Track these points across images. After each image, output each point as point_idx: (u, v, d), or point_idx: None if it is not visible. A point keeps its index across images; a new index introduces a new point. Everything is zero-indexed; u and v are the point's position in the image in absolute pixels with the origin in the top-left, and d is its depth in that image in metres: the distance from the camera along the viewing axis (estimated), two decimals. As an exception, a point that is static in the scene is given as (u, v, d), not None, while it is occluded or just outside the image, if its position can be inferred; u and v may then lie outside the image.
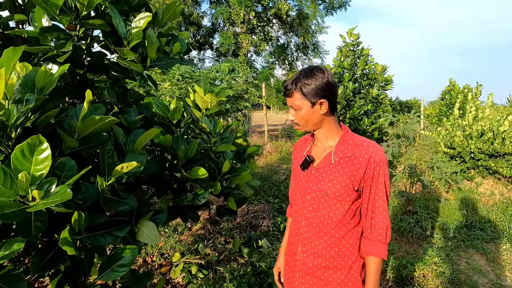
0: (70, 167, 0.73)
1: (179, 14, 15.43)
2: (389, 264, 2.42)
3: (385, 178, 1.01)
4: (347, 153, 1.02)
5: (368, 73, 5.72)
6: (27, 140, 0.61)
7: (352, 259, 1.05)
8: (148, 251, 2.73)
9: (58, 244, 0.65)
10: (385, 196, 1.01)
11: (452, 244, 2.96)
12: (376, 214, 1.01)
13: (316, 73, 1.00)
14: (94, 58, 1.16)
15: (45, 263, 0.69)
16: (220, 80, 11.02)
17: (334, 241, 1.04)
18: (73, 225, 0.74)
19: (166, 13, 1.28)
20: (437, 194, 4.38)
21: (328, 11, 16.81)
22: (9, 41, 1.09)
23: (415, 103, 20.08)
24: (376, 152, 1.00)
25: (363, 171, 0.99)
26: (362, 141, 1.03)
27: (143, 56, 1.20)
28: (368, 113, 5.68)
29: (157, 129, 1.03)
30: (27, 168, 0.61)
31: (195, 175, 1.08)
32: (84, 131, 0.78)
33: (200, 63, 19.71)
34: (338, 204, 1.02)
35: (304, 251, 1.09)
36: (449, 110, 10.41)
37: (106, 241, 0.78)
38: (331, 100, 1.02)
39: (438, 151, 6.36)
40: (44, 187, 0.64)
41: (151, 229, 0.96)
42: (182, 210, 1.19)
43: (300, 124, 1.06)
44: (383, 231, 1.00)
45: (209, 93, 1.32)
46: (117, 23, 1.06)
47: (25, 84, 0.75)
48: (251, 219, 3.44)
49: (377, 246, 1.00)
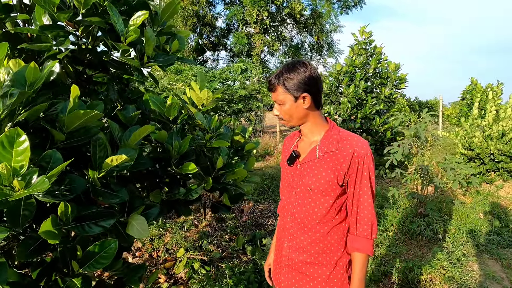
0: (56, 159, 0.76)
1: (193, 15, 15.66)
2: (394, 266, 2.35)
3: (370, 173, 1.00)
4: (332, 148, 1.01)
5: (381, 72, 5.59)
6: (5, 133, 0.63)
7: (337, 255, 1.04)
8: (154, 246, 2.79)
9: (38, 233, 0.68)
10: (370, 191, 1.00)
11: (464, 248, 2.84)
12: (361, 210, 1.00)
13: (299, 67, 0.99)
14: (93, 55, 1.20)
15: (30, 251, 0.72)
16: (232, 80, 11.10)
17: (319, 236, 1.03)
18: (60, 215, 0.77)
19: (165, 12, 1.31)
20: (452, 197, 4.21)
21: (343, 9, 16.55)
22: (17, 40, 1.13)
23: (435, 104, 19.40)
24: (360, 146, 0.99)
25: (347, 166, 0.98)
26: (346, 135, 1.03)
27: (141, 53, 1.23)
28: (380, 113, 5.54)
29: (151, 126, 1.05)
30: (7, 159, 0.63)
31: (186, 170, 1.10)
32: (71, 125, 0.81)
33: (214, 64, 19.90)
34: (322, 199, 1.02)
35: (289, 247, 1.09)
36: (470, 110, 10.00)
37: (92, 231, 0.81)
38: (314, 94, 1.01)
39: (455, 152, 6.12)
40: (26, 178, 0.66)
41: (141, 223, 0.98)
42: (175, 205, 1.20)
43: (285, 118, 1.06)
44: (368, 227, 0.99)
45: (204, 90, 1.33)
46: (115, 21, 1.08)
47: (15, 79, 0.79)
48: (257, 217, 3.44)
49: (363, 242, 0.99)
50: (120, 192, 0.97)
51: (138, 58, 1.22)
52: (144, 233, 0.96)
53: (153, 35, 1.13)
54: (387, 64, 5.50)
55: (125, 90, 1.35)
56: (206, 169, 1.31)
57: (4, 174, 0.61)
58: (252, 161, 1.57)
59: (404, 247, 2.85)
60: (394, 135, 5.48)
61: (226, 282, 2.02)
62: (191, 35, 17.08)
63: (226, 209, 1.39)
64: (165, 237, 2.95)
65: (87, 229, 0.80)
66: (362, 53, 5.58)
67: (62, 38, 1.06)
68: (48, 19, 1.09)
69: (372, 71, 5.52)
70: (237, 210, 3.63)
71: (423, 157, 3.76)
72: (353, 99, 5.23)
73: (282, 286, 1.12)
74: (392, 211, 3.58)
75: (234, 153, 1.57)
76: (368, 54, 5.63)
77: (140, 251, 2.77)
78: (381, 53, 5.53)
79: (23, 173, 0.65)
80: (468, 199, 4.38)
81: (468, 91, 10.79)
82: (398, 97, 5.88)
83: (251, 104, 10.43)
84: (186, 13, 15.32)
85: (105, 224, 0.81)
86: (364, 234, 0.99)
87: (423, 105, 19.43)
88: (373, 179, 1.01)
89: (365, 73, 5.55)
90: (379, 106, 5.33)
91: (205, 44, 17.70)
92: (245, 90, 9.90)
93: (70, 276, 0.78)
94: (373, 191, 1.01)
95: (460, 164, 3.36)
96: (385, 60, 5.58)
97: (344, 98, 5.30)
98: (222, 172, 1.29)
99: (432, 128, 3.68)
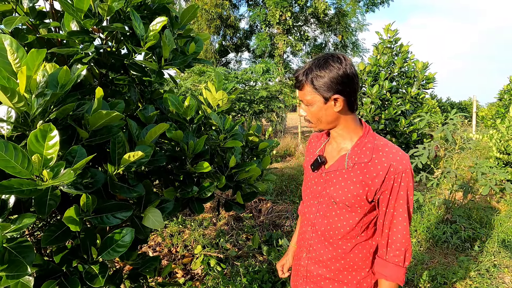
0: (81, 154, 0.83)
1: (217, 17, 15.97)
2: (415, 274, 2.25)
3: (409, 192, 0.86)
4: (364, 158, 0.88)
5: (407, 71, 5.37)
6: (39, 127, 0.70)
7: (361, 275, 0.94)
8: (173, 242, 2.89)
9: (62, 219, 0.74)
10: (407, 212, 0.86)
11: (495, 259, 2.66)
12: (394, 233, 0.87)
13: (332, 63, 0.84)
14: (115, 58, 1.28)
15: (54, 238, 0.79)
16: (254, 81, 11.16)
17: (341, 253, 0.93)
18: (82, 206, 0.83)
19: (185, 16, 1.37)
20: (483, 204, 3.95)
21: (369, 7, 16.08)
22: (50, 45, 1.24)
23: (469, 104, 18.25)
24: (398, 161, 0.85)
25: (381, 181, 0.85)
26: (383, 145, 0.88)
27: (159, 56, 1.29)
28: (406, 114, 5.33)
29: (166, 124, 1.11)
30: (39, 151, 0.70)
31: (200, 169, 1.14)
32: (94, 123, 0.87)
33: (237, 65, 20.12)
34: (347, 214, 0.91)
35: (308, 258, 1.01)
36: (507, 111, 9.31)
37: (110, 222, 0.87)
38: (348, 96, 0.87)
39: (489, 156, 5.73)
40: (55, 169, 0.73)
41: (156, 216, 1.03)
42: (189, 202, 1.25)
43: (312, 121, 0.93)
44: (400, 253, 0.87)
45: (220, 91, 1.37)
46: (137, 26, 1.15)
47: (49, 81, 0.87)
48: (274, 218, 3.44)
49: (392, 269, 0.87)
50: (137, 187, 1.03)
51: (156, 60, 1.29)
52: (159, 225, 1.01)
53: (171, 39, 1.18)
54: (414, 63, 5.27)
55: (144, 91, 1.42)
56: (220, 168, 1.34)
57: (35, 164, 0.67)
58: (267, 160, 1.58)
59: (428, 255, 2.72)
60: (420, 137, 5.24)
61: (240, 280, 2.05)
62: (215, 37, 17.42)
63: (239, 207, 1.42)
64: (184, 233, 3.04)
65: (105, 220, 0.86)
66: (387, 52, 5.40)
67: (88, 43, 1.15)
68: (76, 25, 1.18)
69: (398, 71, 5.32)
70: (254, 210, 3.66)
71: (451, 160, 3.57)
72: (376, 99, 5.07)
73: None
74: (416, 216, 3.43)
75: (249, 152, 1.60)
76: (394, 53, 5.43)
77: (160, 246, 2.88)
78: (407, 51, 5.32)
79: (52, 165, 0.71)
80: (502, 206, 4.09)
81: (507, 91, 10.05)
82: (426, 98, 5.61)
83: (273, 105, 10.43)
84: (210, 15, 15.65)
85: (122, 216, 0.87)
86: (395, 261, 0.87)
87: (456, 106, 18.37)
88: (412, 199, 0.88)
89: (390, 73, 5.36)
90: (405, 106, 5.12)
91: (228, 45, 17.98)
92: (267, 91, 9.93)
93: (89, 263, 0.84)
94: (410, 213, 0.88)
95: (493, 168, 3.15)
96: (412, 59, 5.35)
97: (367, 99, 5.16)
98: (235, 170, 1.32)
99: (461, 130, 3.47)
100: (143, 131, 1.15)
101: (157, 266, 1.17)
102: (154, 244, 2.91)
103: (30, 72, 0.79)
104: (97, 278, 0.81)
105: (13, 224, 0.68)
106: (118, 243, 0.83)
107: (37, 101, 0.79)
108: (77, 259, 0.86)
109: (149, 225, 1.01)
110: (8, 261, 0.69)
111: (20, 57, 0.83)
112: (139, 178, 1.15)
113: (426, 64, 5.18)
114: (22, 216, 0.69)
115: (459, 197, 3.80)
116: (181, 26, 1.40)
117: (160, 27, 1.14)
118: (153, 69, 1.26)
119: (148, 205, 1.08)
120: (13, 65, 0.83)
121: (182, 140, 1.22)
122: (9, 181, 0.66)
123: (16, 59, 0.82)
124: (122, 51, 1.35)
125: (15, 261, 0.70)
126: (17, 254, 0.69)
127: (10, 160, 0.66)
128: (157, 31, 1.15)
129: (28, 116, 0.79)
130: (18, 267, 0.69)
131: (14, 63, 0.83)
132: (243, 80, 10.33)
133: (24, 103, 0.74)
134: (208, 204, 3.73)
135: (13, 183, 0.66)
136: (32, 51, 0.82)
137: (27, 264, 0.69)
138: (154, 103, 1.50)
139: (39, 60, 0.85)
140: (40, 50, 0.84)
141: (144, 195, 1.08)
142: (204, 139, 1.20)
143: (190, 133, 1.26)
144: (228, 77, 10.14)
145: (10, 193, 0.64)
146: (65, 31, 1.15)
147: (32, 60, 0.81)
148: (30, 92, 0.80)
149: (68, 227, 0.84)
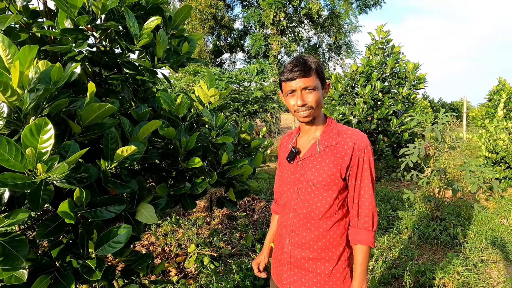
0: (74, 149, 0.84)
1: (211, 18, 15.95)
2: (405, 269, 2.30)
3: (371, 165, 1.01)
4: (332, 142, 1.03)
5: (399, 72, 5.46)
6: (34, 121, 0.72)
7: (339, 250, 1.05)
8: (167, 241, 2.89)
9: (57, 212, 0.75)
10: (371, 183, 1.01)
11: (483, 254, 2.73)
12: (362, 202, 1.01)
13: (313, 58, 1.03)
14: (108, 57, 1.29)
15: (48, 232, 0.80)
16: (248, 82, 11.19)
17: (322, 232, 1.04)
18: (75, 200, 0.84)
19: (178, 16, 1.38)
20: (472, 201, 4.05)
21: (362, 9, 16.26)
22: (42, 43, 1.24)
23: (461, 105, 18.58)
24: (360, 139, 1.01)
25: (349, 158, 1.00)
26: (345, 129, 1.05)
27: (153, 55, 1.31)
28: (397, 114, 5.41)
29: (159, 121, 1.12)
30: (34, 145, 0.72)
31: (192, 165, 1.16)
32: (87, 118, 0.88)
33: (231, 65, 20.12)
34: (325, 193, 1.03)
35: (291, 243, 1.10)
36: (496, 111, 9.51)
37: (103, 216, 0.88)
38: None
39: (479, 155, 5.85)
40: (48, 163, 0.74)
41: (149, 210, 1.05)
42: (181, 198, 1.27)
43: (314, 107, 1.00)
44: (369, 219, 1.00)
45: (212, 88, 1.39)
46: (131, 25, 1.16)
47: (42, 78, 0.88)
48: (268, 217, 3.46)
49: (364, 234, 1.00)
50: (130, 183, 1.04)
51: (150, 59, 1.30)
52: (152, 219, 1.02)
53: (165, 38, 1.20)
54: (405, 64, 5.37)
55: (137, 90, 1.44)
56: (213, 165, 1.36)
57: (29, 158, 0.69)
58: (259, 157, 1.61)
59: (418, 251, 2.78)
60: (412, 136, 5.33)
61: (233, 278, 2.07)
62: (209, 37, 17.39)
63: (232, 204, 1.44)
64: (178, 233, 3.05)
65: (99, 214, 0.87)
66: (379, 52, 5.48)
67: (81, 40, 1.16)
68: (70, 23, 1.18)
69: (390, 71, 5.41)
70: (248, 209, 3.68)
71: (441, 159, 3.65)
72: (369, 99, 5.14)
73: (284, 284, 1.13)
74: (407, 214, 3.49)
75: (242, 150, 1.62)
76: (386, 54, 5.52)
77: (154, 245, 2.88)
78: (399, 52, 5.41)
79: (45, 159, 0.73)
80: (491, 204, 4.19)
81: (496, 92, 10.26)
82: (418, 98, 5.71)
83: (267, 105, 10.47)
84: (204, 16, 15.64)
85: (115, 209, 0.89)
86: (365, 226, 1.00)
87: (447, 106, 18.67)
88: (373, 171, 1.03)
89: (382, 73, 5.44)
90: (397, 106, 5.21)
91: (222, 46, 17.97)
92: (261, 91, 9.97)
93: (84, 258, 0.86)
94: (373, 183, 1.03)
95: (481, 167, 3.23)
96: (403, 60, 5.44)
97: (359, 99, 5.23)
98: (227, 167, 1.34)
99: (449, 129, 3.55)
100: (135, 128, 1.17)
101: (150, 264, 1.18)
102: (148, 243, 2.91)
103: (22, 68, 0.80)
104: (94, 272, 0.82)
105: (7, 219, 0.69)
106: (114, 240, 0.84)
107: (29, 96, 0.80)
108: (71, 254, 0.88)
109: (143, 220, 1.03)
110: (3, 254, 0.70)
111: (12, 53, 0.84)
112: (132, 175, 1.16)
113: (417, 65, 5.27)
114: (16, 211, 0.70)
115: (449, 195, 3.87)
116: (175, 26, 1.41)
117: (154, 26, 1.16)
118: (146, 68, 1.28)
119: (141, 201, 1.10)
120: (5, 61, 0.83)
121: (175, 137, 1.24)
122: (3, 175, 0.67)
123: (8, 55, 0.83)
124: (116, 50, 1.36)
125: (9, 255, 0.71)
126: (11, 248, 0.70)
127: (3, 153, 0.68)
128: (151, 29, 1.16)
129: (21, 111, 0.80)
130: (12, 260, 0.70)
131: (6, 59, 0.84)
132: (237, 81, 10.35)
133: (17, 97, 0.76)
134: (202, 204, 3.73)
135: (6, 176, 0.67)
136: (24, 47, 0.83)
137: (21, 258, 0.70)
138: (147, 102, 1.51)
139: (31, 56, 0.86)
140: (32, 46, 0.85)
141: (137, 191, 1.10)
142: (196, 136, 1.22)
143: (182, 130, 1.28)
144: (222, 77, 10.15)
145: (4, 187, 0.65)
146: (58, 29, 1.16)
147: (24, 56, 0.82)
148: (23, 87, 0.81)
149: (62, 221, 0.86)
